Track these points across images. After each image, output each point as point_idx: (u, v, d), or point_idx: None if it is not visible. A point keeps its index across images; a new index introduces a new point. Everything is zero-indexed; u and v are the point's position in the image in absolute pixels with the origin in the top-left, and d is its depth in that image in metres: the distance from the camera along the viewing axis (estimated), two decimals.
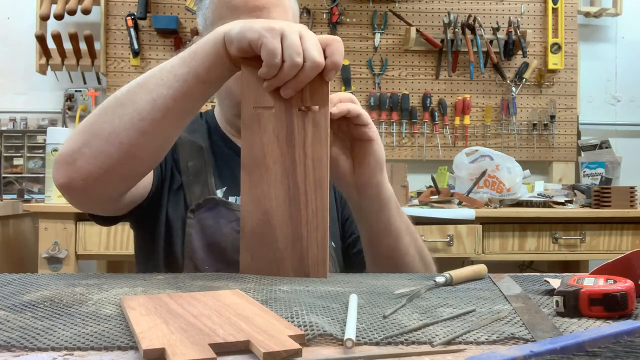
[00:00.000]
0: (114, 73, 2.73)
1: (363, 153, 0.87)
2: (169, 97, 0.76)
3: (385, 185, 0.89)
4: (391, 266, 0.92)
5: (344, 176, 0.88)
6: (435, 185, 2.31)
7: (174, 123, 0.80)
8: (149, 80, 0.77)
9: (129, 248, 2.02)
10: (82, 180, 0.78)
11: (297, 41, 0.72)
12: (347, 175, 0.88)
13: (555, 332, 0.50)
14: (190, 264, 0.97)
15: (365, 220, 0.92)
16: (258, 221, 0.79)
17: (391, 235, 0.91)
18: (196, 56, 0.76)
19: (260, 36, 0.72)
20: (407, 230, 0.93)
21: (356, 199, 0.90)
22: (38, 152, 2.68)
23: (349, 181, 0.88)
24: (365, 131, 0.85)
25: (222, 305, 0.55)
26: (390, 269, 0.91)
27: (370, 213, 0.90)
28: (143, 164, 0.83)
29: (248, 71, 0.77)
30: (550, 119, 2.86)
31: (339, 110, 0.83)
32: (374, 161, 0.87)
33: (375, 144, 0.86)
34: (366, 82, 2.84)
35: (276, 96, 0.77)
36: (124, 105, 0.77)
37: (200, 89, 0.77)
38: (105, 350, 0.45)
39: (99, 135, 0.77)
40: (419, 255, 0.95)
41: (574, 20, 2.91)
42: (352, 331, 0.48)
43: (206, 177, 1.02)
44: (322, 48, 0.75)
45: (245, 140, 0.79)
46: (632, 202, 2.20)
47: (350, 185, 0.89)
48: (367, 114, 0.86)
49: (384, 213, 0.90)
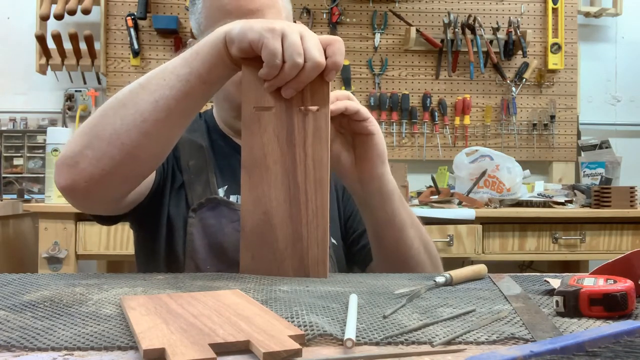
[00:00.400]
0: (114, 73, 2.73)
1: (364, 147, 0.87)
2: (171, 98, 0.76)
3: (388, 177, 0.90)
4: (397, 259, 0.92)
5: (347, 171, 0.88)
6: (435, 185, 2.31)
7: (176, 123, 0.80)
8: (151, 81, 0.77)
9: (129, 248, 2.02)
10: (84, 182, 0.78)
11: (298, 41, 0.72)
12: (350, 169, 0.88)
13: (555, 332, 0.50)
14: (191, 263, 0.97)
15: (370, 213, 0.92)
16: (258, 221, 0.79)
17: (395, 227, 0.91)
18: (198, 56, 0.76)
19: (261, 37, 0.72)
20: (411, 223, 0.93)
21: (360, 192, 0.90)
22: (38, 152, 2.68)
23: (352, 175, 0.88)
24: (366, 125, 0.86)
25: (222, 305, 0.55)
26: (396, 261, 0.92)
27: (374, 206, 0.90)
28: (145, 165, 0.83)
29: (248, 71, 0.77)
30: (550, 119, 2.86)
31: (336, 107, 0.83)
32: (375, 154, 0.87)
33: (376, 137, 0.87)
34: (366, 82, 2.84)
35: (277, 96, 0.77)
36: (125, 107, 0.77)
37: (202, 89, 0.77)
38: (105, 350, 0.45)
39: (100, 137, 0.77)
40: (424, 248, 0.95)
41: (574, 20, 2.91)
42: (352, 331, 0.48)
43: (207, 176, 1.02)
44: (322, 48, 0.75)
45: (246, 141, 0.79)
46: (632, 202, 2.20)
47: (353, 180, 0.89)
48: (365, 109, 0.86)
49: (388, 205, 0.90)
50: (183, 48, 0.94)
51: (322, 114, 0.78)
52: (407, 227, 0.92)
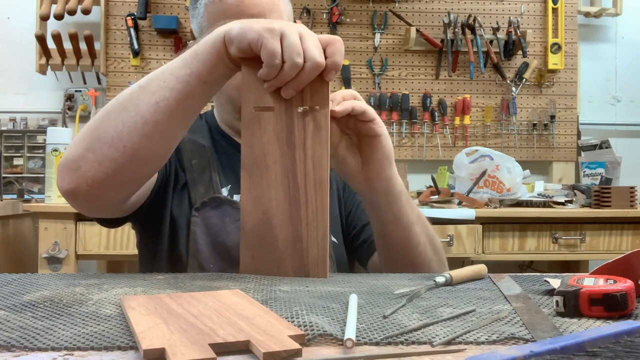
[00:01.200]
0: (114, 73, 2.73)
1: (371, 149, 0.86)
2: (172, 99, 0.76)
3: (394, 179, 0.89)
4: (404, 257, 0.92)
5: (353, 173, 0.88)
6: (435, 185, 2.31)
7: (178, 124, 0.80)
8: (151, 83, 0.77)
9: (129, 248, 2.02)
10: (87, 185, 0.78)
11: (297, 41, 0.72)
12: (357, 171, 0.87)
13: (555, 332, 0.50)
14: (194, 262, 0.97)
15: (376, 214, 0.92)
16: (258, 221, 0.79)
17: (403, 227, 0.91)
18: (198, 56, 0.76)
19: (260, 37, 0.72)
20: (418, 220, 0.93)
21: (367, 194, 0.90)
22: (38, 152, 2.68)
23: (359, 177, 0.88)
24: (372, 127, 0.85)
25: (222, 305, 0.55)
26: (403, 259, 0.92)
27: (381, 207, 0.90)
28: (148, 167, 0.83)
29: (248, 72, 0.77)
30: (550, 119, 2.86)
31: (343, 108, 0.82)
32: (382, 156, 0.86)
33: (382, 139, 0.86)
34: (366, 82, 2.84)
35: (276, 96, 0.77)
36: (126, 109, 0.77)
37: (202, 89, 0.77)
38: (105, 350, 0.45)
39: (102, 140, 0.77)
40: (430, 244, 0.95)
41: (574, 20, 2.91)
42: (352, 331, 0.48)
43: (210, 175, 1.02)
44: (322, 48, 0.74)
45: (246, 141, 0.79)
46: (632, 202, 2.20)
47: (360, 181, 0.88)
48: (372, 110, 0.85)
49: (395, 206, 0.89)
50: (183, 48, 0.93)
51: (322, 115, 0.78)
52: (414, 226, 0.92)
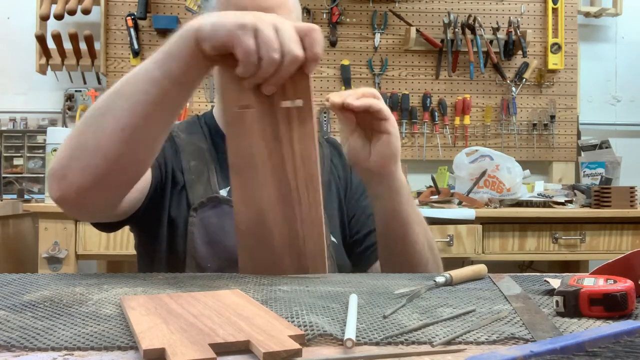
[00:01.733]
0: (114, 73, 2.72)
1: (380, 144, 0.88)
2: (148, 103, 0.74)
3: (397, 176, 0.92)
4: (402, 253, 0.95)
5: (361, 161, 0.91)
6: (435, 185, 2.30)
7: (157, 127, 0.78)
8: (125, 88, 0.75)
9: (129, 248, 2.02)
10: (74, 193, 0.77)
11: (272, 35, 0.70)
12: (364, 161, 0.90)
13: (555, 332, 0.50)
14: (192, 262, 0.97)
15: (378, 204, 0.96)
16: (253, 221, 0.78)
17: (402, 220, 0.94)
18: (170, 57, 0.73)
19: (233, 34, 0.69)
20: (418, 221, 0.96)
21: (371, 182, 0.94)
22: (38, 152, 2.67)
23: (365, 166, 0.91)
24: (385, 124, 0.87)
25: (222, 305, 0.55)
26: (401, 256, 0.95)
27: (383, 197, 0.94)
28: (132, 172, 0.81)
29: (225, 70, 0.74)
30: (550, 119, 2.86)
31: (361, 104, 0.84)
32: (388, 153, 0.89)
33: (392, 137, 0.89)
34: (366, 82, 2.83)
35: (258, 94, 0.74)
36: (104, 115, 0.76)
37: (179, 90, 0.75)
38: (105, 350, 0.45)
39: (84, 148, 0.76)
40: (428, 245, 0.98)
41: (574, 20, 2.91)
42: (352, 331, 0.48)
43: (208, 177, 1.02)
44: (300, 39, 0.72)
45: (231, 142, 0.77)
46: (632, 202, 2.20)
47: (365, 169, 0.92)
48: (388, 109, 0.88)
49: (396, 200, 0.93)
50: None
51: (307, 109, 0.75)
52: (413, 224, 0.95)
